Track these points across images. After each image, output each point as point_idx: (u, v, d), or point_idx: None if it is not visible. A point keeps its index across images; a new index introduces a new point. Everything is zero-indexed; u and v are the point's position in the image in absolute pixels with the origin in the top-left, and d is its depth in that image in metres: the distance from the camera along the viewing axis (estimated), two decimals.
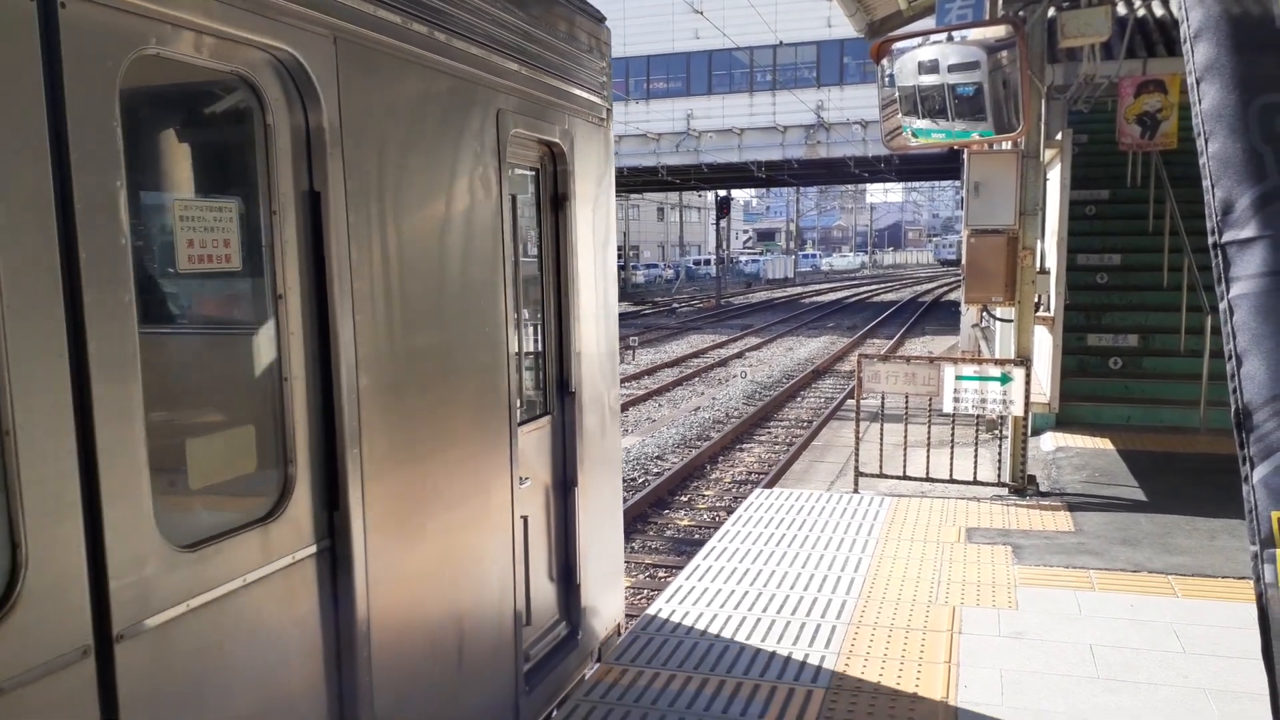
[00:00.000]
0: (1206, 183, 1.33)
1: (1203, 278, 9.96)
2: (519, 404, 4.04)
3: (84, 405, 2.06)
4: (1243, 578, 5.60)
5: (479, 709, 3.71)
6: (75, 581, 2.06)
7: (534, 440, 4.32)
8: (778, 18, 37.75)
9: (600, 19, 4.82)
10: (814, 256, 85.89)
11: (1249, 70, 1.25)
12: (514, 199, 4.02)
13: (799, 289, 54.77)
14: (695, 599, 5.43)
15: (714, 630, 4.99)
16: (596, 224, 4.78)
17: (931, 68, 6.57)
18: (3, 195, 1.88)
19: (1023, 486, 7.64)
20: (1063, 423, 10.04)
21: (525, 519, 4.12)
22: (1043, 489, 7.74)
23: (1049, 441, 9.49)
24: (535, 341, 4.47)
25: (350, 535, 2.89)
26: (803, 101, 38.48)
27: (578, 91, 4.52)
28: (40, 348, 1.95)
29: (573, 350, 4.54)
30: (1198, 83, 1.31)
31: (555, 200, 4.46)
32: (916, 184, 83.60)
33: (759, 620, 5.10)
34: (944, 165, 40.23)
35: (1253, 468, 1.41)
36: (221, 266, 2.64)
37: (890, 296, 45.70)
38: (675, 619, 5.15)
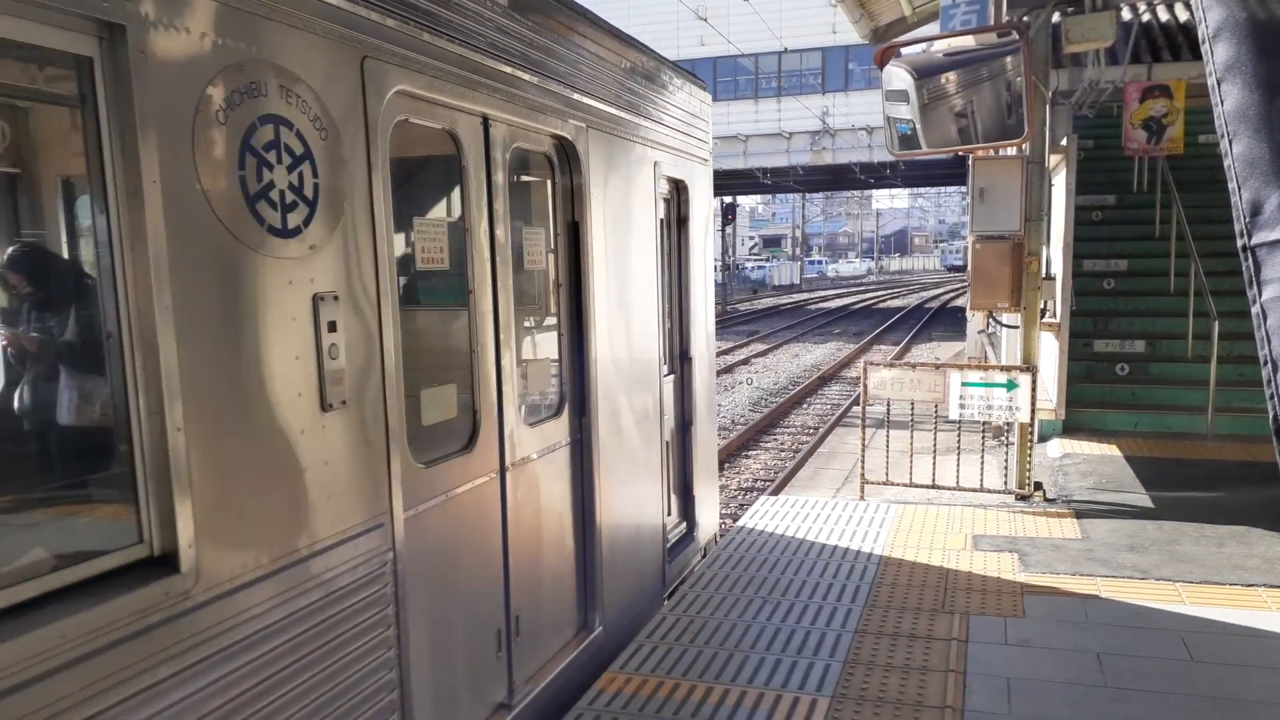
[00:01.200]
0: (1233, 184, 1.30)
1: (1210, 283, 9.93)
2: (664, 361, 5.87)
3: (498, 346, 3.86)
4: (1251, 585, 5.57)
5: (645, 563, 5.56)
6: (494, 436, 3.89)
7: (668, 388, 6.05)
8: (782, 24, 37.80)
9: (705, 87, 6.66)
10: (820, 263, 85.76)
11: (1271, 69, 1.23)
12: (660, 221, 5.73)
13: (805, 295, 54.71)
14: (700, 606, 5.41)
15: (719, 638, 4.97)
16: (705, 237, 6.63)
17: (886, 90, 6.48)
18: (472, 228, 3.71)
19: (1029, 493, 7.61)
20: (1069, 429, 10.00)
21: (666, 443, 5.97)
22: (1049, 496, 7.71)
23: (1055, 448, 9.46)
24: (667, 317, 6.08)
25: (592, 432, 4.71)
26: (808, 108, 38.49)
27: (695, 141, 6.33)
28: (482, 318, 3.79)
29: (690, 325, 6.36)
30: (1219, 83, 1.29)
31: (679, 221, 6.27)
32: (923, 190, 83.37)
33: (764, 628, 5.08)
34: (950, 171, 40.26)
35: None
36: (539, 268, 4.48)
37: (897, 303, 45.65)
38: (679, 627, 5.13)
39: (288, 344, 2.62)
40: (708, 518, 6.77)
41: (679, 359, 6.30)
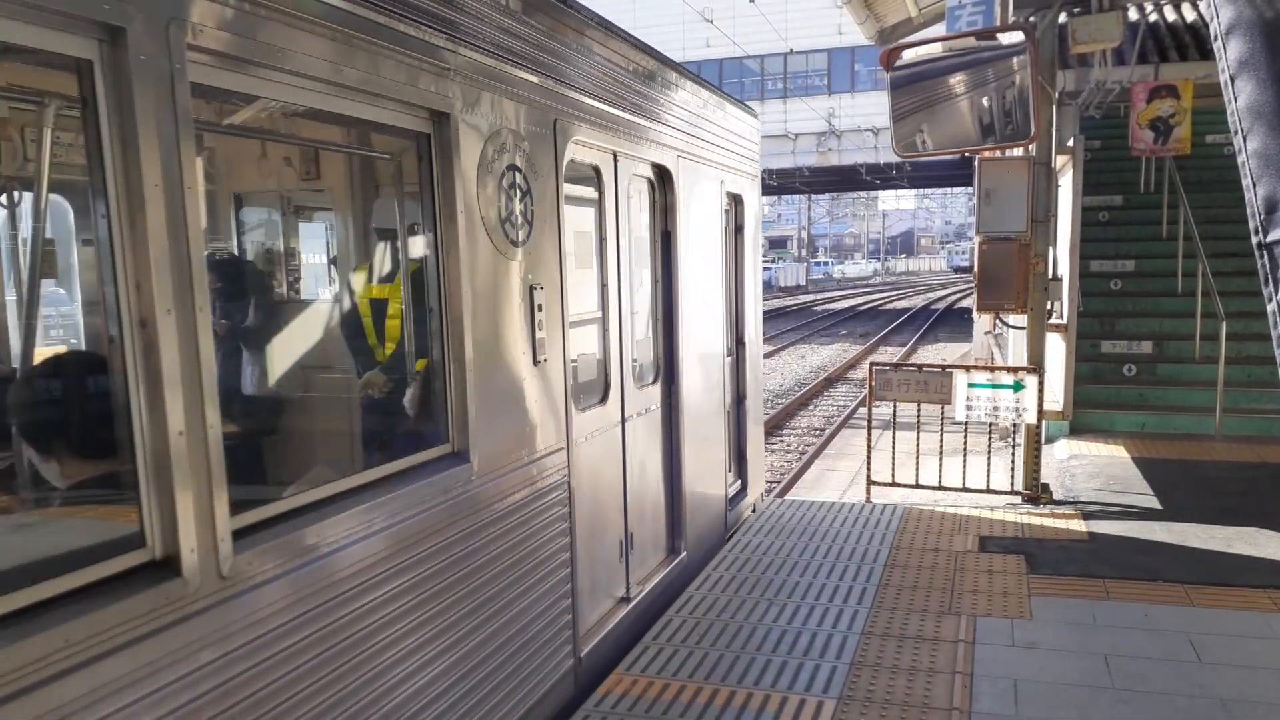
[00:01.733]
0: (1247, 181, 1.29)
1: (1218, 283, 9.91)
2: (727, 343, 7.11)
3: (620, 327, 5.01)
4: (1260, 586, 5.55)
5: (713, 507, 6.71)
6: (618, 394, 5.06)
7: (727, 367, 7.18)
8: (788, 25, 37.79)
9: (755, 114, 7.95)
10: (826, 264, 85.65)
11: None
12: (723, 229, 6.88)
13: (811, 296, 54.61)
14: (706, 608, 5.41)
15: (725, 640, 4.97)
16: (755, 241, 7.87)
17: None
18: (606, 237, 4.91)
19: (1036, 495, 7.60)
20: (1076, 430, 9.98)
21: (727, 413, 7.08)
22: (1057, 497, 7.69)
23: (1063, 449, 9.43)
24: (725, 308, 7.14)
25: (678, 398, 5.90)
26: (814, 109, 38.49)
27: (747, 160, 7.54)
28: (612, 306, 4.96)
29: (744, 315, 7.52)
30: (1232, 80, 1.28)
31: (737, 229, 7.43)
32: (929, 191, 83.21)
33: (770, 630, 5.08)
34: (956, 172, 40.21)
35: None
36: (643, 268, 5.64)
37: (903, 304, 45.55)
38: (686, 629, 5.13)
39: (518, 317, 3.88)
40: (756, 479, 8.06)
41: (735, 344, 7.50)
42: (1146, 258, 11.87)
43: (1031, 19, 7.80)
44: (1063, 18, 8.20)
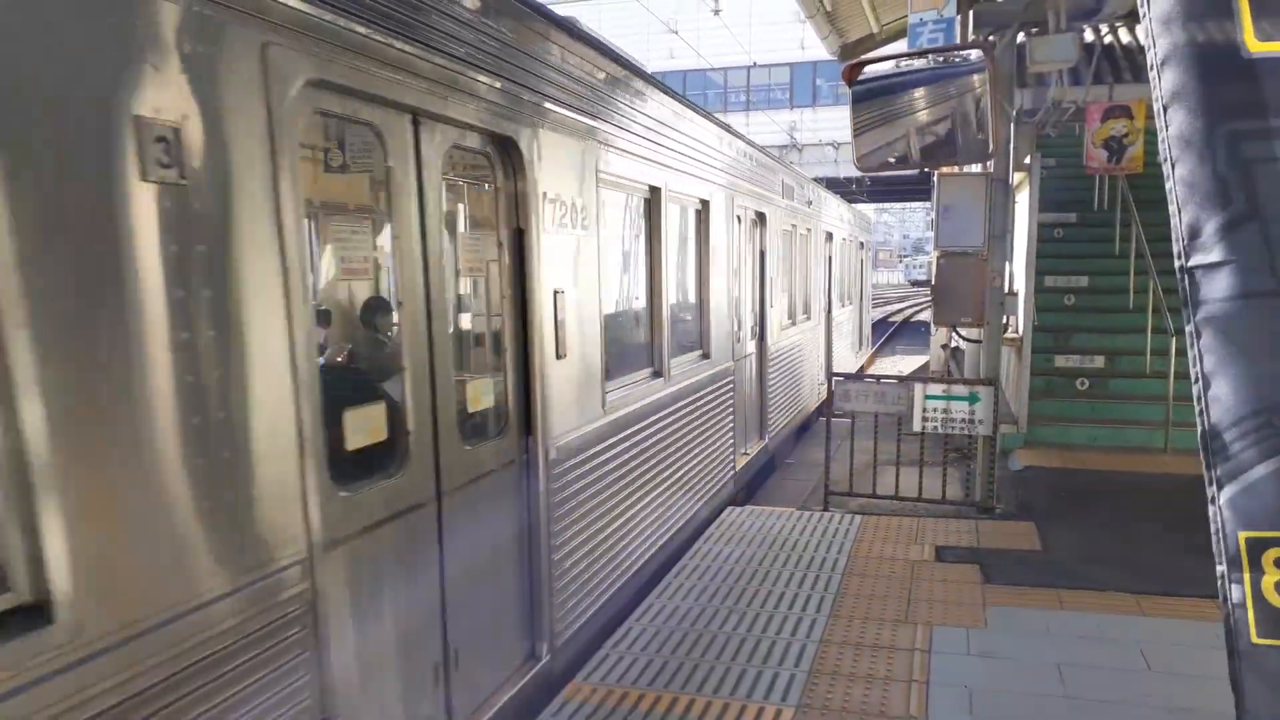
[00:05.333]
0: (1173, 207, 1.34)
1: (1168, 300, 10.11)
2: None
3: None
4: (1208, 596, 5.64)
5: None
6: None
7: (857, 309, 15.75)
8: (751, 39, 38.07)
9: (864, 214, 16.87)
10: None
11: (1215, 97, 1.27)
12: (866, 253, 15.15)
13: None
14: (666, 617, 5.40)
15: (684, 649, 4.97)
16: (868, 261, 16.90)
17: None
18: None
19: (991, 505, 7.69)
20: (1030, 443, 10.12)
21: (861, 329, 16.63)
22: (1011, 508, 7.79)
23: (1017, 461, 9.56)
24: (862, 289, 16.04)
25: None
26: (776, 122, 38.75)
27: (862, 223, 15.75)
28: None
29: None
30: (1165, 109, 1.32)
31: (861, 248, 16.01)
32: (888, 205, 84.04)
33: (729, 638, 5.08)
34: (915, 187, 40.65)
35: (1220, 488, 1.43)
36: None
37: None
38: (645, 637, 5.12)
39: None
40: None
41: (862, 296, 13.36)
42: (1100, 274, 12.08)
43: (990, 38, 7.93)
44: (1021, 37, 8.34)
